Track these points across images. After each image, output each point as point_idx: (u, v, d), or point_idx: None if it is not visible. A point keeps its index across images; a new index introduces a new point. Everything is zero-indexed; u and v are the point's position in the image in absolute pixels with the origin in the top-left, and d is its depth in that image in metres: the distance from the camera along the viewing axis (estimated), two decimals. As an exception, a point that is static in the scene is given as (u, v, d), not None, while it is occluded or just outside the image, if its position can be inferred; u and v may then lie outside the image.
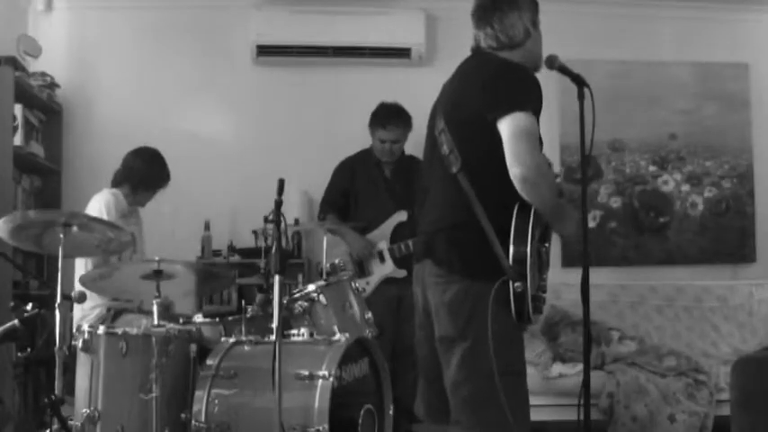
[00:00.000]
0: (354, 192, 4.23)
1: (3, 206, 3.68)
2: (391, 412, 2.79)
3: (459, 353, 2.24)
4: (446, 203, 2.33)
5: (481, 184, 2.23)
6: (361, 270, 4.09)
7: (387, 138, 4.11)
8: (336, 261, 3.42)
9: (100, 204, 3.51)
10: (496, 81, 2.27)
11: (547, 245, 2.31)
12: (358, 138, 4.41)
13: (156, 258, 2.86)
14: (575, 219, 2.33)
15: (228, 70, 4.78)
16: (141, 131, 4.54)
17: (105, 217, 3.38)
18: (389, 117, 4.10)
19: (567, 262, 4.74)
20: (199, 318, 3.18)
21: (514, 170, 2.14)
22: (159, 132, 4.56)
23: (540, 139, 2.28)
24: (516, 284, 2.14)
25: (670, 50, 5.02)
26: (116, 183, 3.70)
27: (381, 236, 4.12)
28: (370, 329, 3.19)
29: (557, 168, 4.84)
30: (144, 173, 3.69)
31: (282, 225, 2.47)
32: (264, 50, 4.67)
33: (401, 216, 4.10)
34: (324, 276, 3.27)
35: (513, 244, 2.16)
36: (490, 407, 2.18)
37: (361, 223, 4.13)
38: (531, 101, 2.21)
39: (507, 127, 2.16)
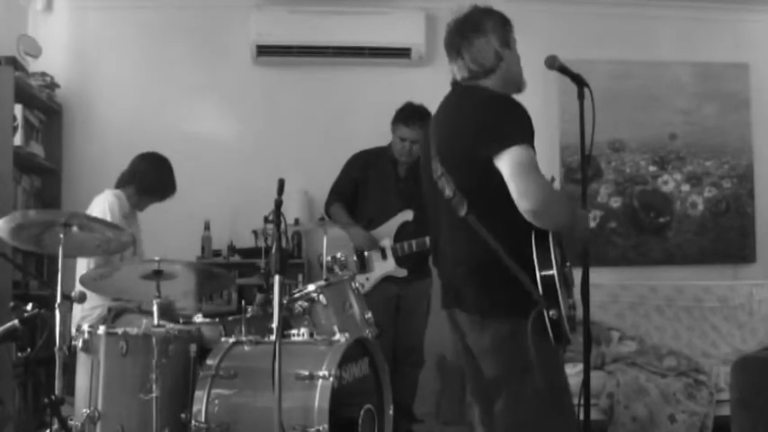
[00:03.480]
0: (364, 186, 4.21)
1: (3, 206, 3.68)
2: (391, 412, 2.80)
3: (509, 390, 2.25)
4: (462, 249, 2.29)
5: (492, 221, 2.19)
6: (363, 264, 4.09)
7: (408, 136, 4.10)
8: (338, 254, 3.42)
9: (103, 205, 3.50)
10: (483, 118, 2.22)
11: (568, 264, 2.29)
12: (358, 137, 4.41)
13: (156, 258, 2.86)
14: (581, 228, 2.33)
15: (228, 70, 4.78)
16: (141, 131, 4.56)
17: (108, 218, 3.37)
18: (414, 116, 4.09)
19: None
20: (199, 318, 3.18)
21: (522, 204, 2.10)
22: (159, 132, 4.57)
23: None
24: (552, 312, 2.11)
25: (670, 50, 5.02)
26: (121, 184, 3.68)
27: (385, 233, 4.12)
28: (370, 329, 3.20)
29: (556, 170, 4.84)
30: (152, 179, 3.66)
31: (282, 225, 2.47)
32: (264, 50, 4.68)
33: (407, 215, 4.10)
34: (324, 269, 3.27)
35: (540, 270, 2.13)
36: None
37: (364, 220, 4.13)
38: (521, 132, 2.16)
39: (506, 165, 2.12)
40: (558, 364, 2.30)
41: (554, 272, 2.12)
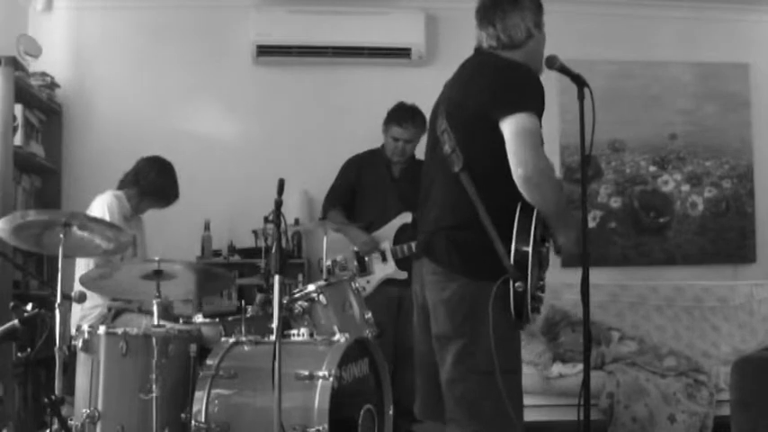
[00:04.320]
0: (361, 189, 4.22)
1: (3, 206, 3.68)
2: (391, 412, 2.80)
3: (455, 351, 2.25)
4: (447, 202, 2.33)
5: (483, 182, 2.23)
6: (363, 268, 4.09)
7: (401, 136, 4.11)
8: (339, 258, 3.42)
9: (103, 206, 3.50)
10: (499, 81, 2.27)
11: (547, 245, 2.31)
12: (358, 137, 4.41)
13: (156, 258, 2.86)
14: (575, 231, 2.31)
15: (228, 70, 4.78)
16: (141, 131, 4.56)
17: (107, 218, 3.37)
18: (406, 116, 4.10)
19: (567, 262, 4.71)
20: (199, 318, 3.18)
21: (517, 171, 2.14)
22: (159, 132, 4.57)
23: (542, 139, 2.28)
24: (517, 284, 2.14)
25: (670, 50, 5.02)
26: (124, 185, 3.68)
27: (385, 236, 4.12)
28: (370, 329, 3.19)
29: (556, 170, 4.84)
30: (155, 183, 3.66)
31: (282, 225, 2.47)
32: (264, 50, 4.68)
33: (406, 217, 4.10)
34: (324, 273, 3.27)
35: (516, 243, 2.16)
36: (486, 404, 2.19)
37: (363, 223, 4.13)
38: (533, 101, 2.21)
39: (510, 127, 2.16)
40: (511, 342, 2.28)
41: (529, 248, 2.14)
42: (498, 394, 2.15)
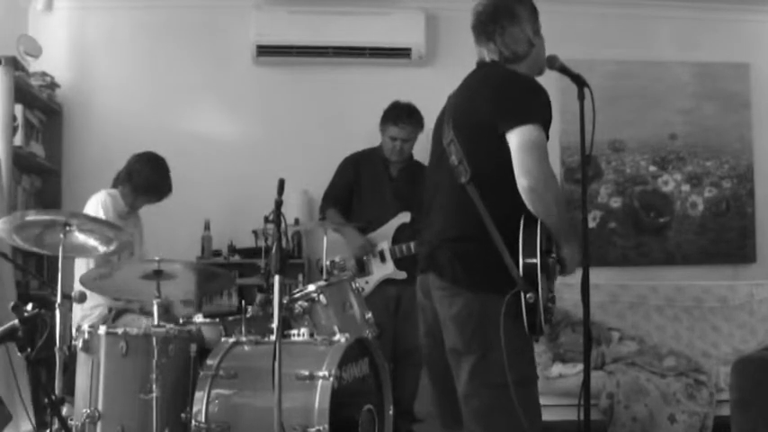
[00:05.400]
0: (358, 188, 4.22)
1: (2, 206, 3.68)
2: (391, 412, 2.80)
3: (468, 365, 2.23)
4: (451, 214, 2.31)
5: (490, 194, 2.21)
6: (362, 268, 4.09)
7: (398, 135, 4.10)
8: (337, 258, 3.42)
9: (97, 205, 3.50)
10: (505, 93, 2.25)
11: (554, 255, 2.29)
12: (358, 137, 4.41)
13: (156, 258, 2.86)
14: (577, 245, 2.30)
15: (228, 70, 4.78)
16: (141, 131, 4.56)
17: (101, 217, 3.37)
18: (402, 115, 4.10)
19: (567, 262, 4.73)
20: (199, 318, 3.18)
21: (521, 181, 2.14)
22: (159, 132, 4.57)
23: (546, 151, 2.27)
24: (528, 295, 2.12)
25: (670, 50, 5.02)
26: (117, 183, 3.68)
27: (383, 236, 4.11)
28: (371, 329, 3.19)
29: (556, 170, 4.84)
30: (147, 178, 3.66)
31: (282, 225, 2.47)
32: (264, 50, 4.68)
33: (404, 217, 4.09)
34: (324, 274, 3.27)
35: (523, 255, 2.14)
36: (501, 418, 2.18)
37: (361, 223, 4.13)
38: (539, 113, 2.21)
39: (516, 139, 2.16)
40: (525, 353, 2.26)
41: (536, 260, 2.13)
42: (513, 407, 2.13)
